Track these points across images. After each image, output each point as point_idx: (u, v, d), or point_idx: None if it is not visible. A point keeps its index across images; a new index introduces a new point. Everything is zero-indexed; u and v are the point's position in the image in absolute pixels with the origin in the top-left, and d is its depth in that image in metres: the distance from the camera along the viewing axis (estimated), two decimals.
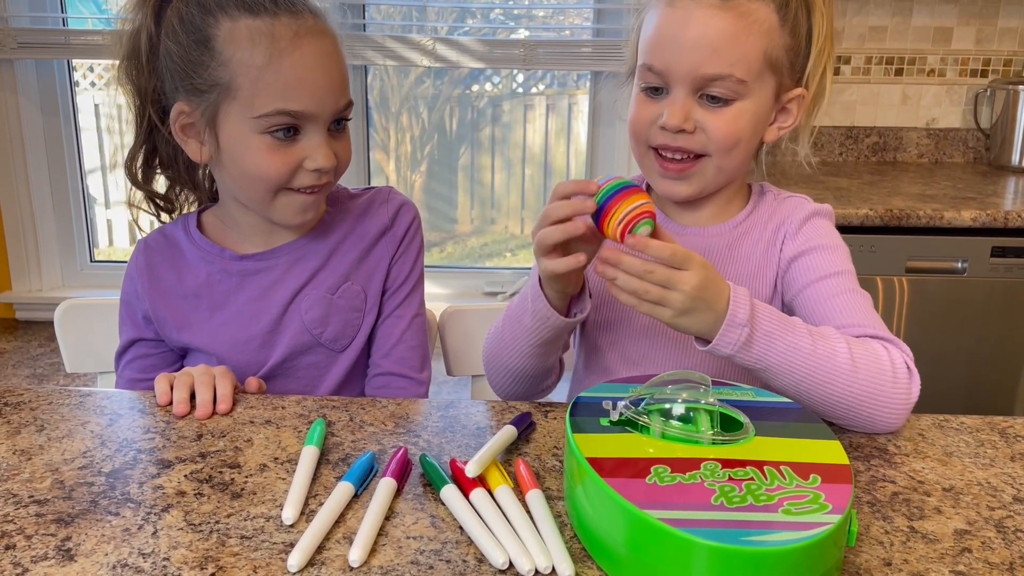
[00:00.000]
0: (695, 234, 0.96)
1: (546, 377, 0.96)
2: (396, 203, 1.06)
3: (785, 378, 0.78)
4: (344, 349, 1.02)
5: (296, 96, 0.88)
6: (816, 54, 0.89)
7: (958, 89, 2.36)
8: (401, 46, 2.33)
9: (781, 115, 0.92)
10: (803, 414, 0.70)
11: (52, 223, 2.67)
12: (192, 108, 0.91)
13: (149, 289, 1.00)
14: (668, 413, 0.65)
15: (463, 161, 3.26)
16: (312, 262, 1.01)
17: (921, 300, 1.85)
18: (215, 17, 0.89)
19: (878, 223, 1.79)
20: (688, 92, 0.87)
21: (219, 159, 0.93)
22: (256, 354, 0.99)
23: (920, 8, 2.30)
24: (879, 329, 0.85)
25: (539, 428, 0.79)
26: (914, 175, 2.20)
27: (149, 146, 1.00)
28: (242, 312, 0.99)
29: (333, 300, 1.01)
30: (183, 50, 0.90)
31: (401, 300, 1.04)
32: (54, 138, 2.62)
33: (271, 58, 0.87)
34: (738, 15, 0.85)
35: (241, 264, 1.00)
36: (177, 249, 1.02)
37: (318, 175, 0.92)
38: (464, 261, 3.43)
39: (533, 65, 2.38)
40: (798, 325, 0.79)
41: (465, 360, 1.16)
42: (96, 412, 0.81)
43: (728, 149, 0.88)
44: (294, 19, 0.89)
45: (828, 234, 0.94)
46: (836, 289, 0.89)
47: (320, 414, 0.81)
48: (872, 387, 0.78)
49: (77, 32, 2.51)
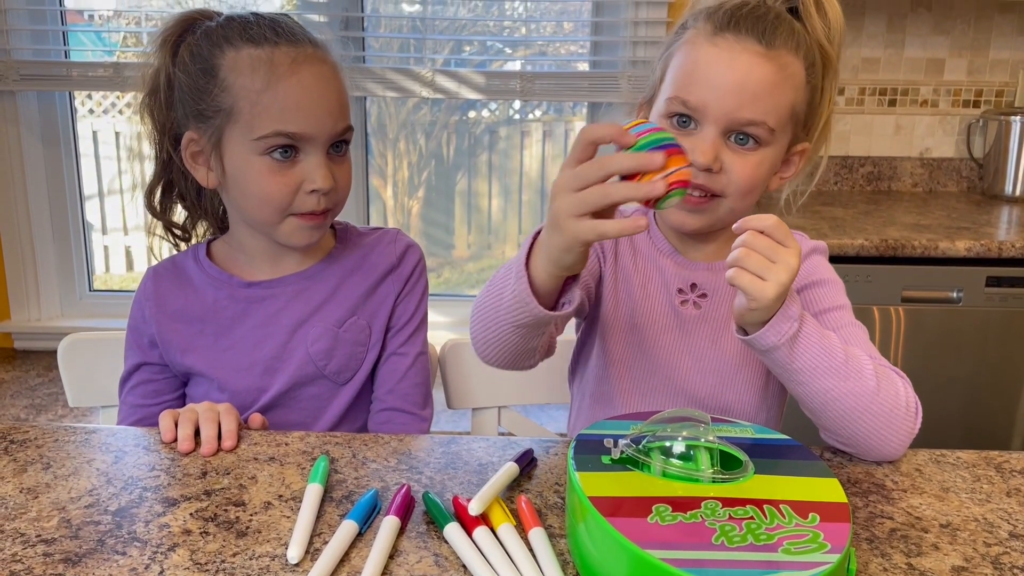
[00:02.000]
0: (703, 268, 0.98)
1: (529, 356, 0.85)
2: (403, 244, 1.08)
3: (816, 383, 0.79)
4: (347, 382, 1.03)
5: (293, 118, 0.92)
6: (823, 113, 0.92)
7: (951, 119, 2.39)
8: (401, 77, 2.36)
9: (784, 166, 0.94)
10: (801, 452, 0.71)
11: (51, 253, 2.68)
12: (200, 135, 0.96)
13: (156, 312, 1.02)
14: (669, 451, 0.66)
15: (460, 187, 3.28)
16: (319, 294, 1.03)
17: (917, 330, 1.87)
18: (221, 48, 0.94)
19: (873, 253, 1.80)
20: (719, 132, 0.87)
21: (225, 183, 0.97)
22: (259, 380, 1.01)
23: (912, 40, 2.34)
24: (885, 363, 0.87)
25: (541, 464, 0.80)
26: (908, 204, 2.22)
27: (167, 178, 1.05)
28: (247, 337, 1.01)
29: (339, 333, 1.02)
30: (191, 79, 0.95)
31: (406, 338, 1.06)
32: (54, 168, 2.63)
33: (269, 82, 0.92)
34: (779, 66, 0.86)
35: (248, 291, 1.02)
36: (185, 276, 1.04)
37: (317, 198, 0.95)
38: (461, 286, 3.44)
39: (531, 96, 2.40)
40: (833, 336, 0.81)
41: (465, 393, 1.17)
42: (102, 449, 0.81)
43: (745, 193, 0.89)
44: (293, 47, 0.94)
45: (826, 270, 0.96)
46: (838, 322, 0.91)
47: (323, 450, 0.82)
48: (888, 411, 0.80)
49: (79, 64, 2.53)
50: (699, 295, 0.97)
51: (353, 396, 1.04)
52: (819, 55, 0.90)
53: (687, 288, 0.98)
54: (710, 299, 0.97)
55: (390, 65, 2.42)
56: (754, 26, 0.86)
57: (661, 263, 0.99)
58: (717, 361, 0.97)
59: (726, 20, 0.87)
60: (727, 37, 0.86)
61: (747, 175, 0.88)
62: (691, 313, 0.97)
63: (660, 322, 0.98)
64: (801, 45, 0.87)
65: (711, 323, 0.97)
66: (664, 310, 0.98)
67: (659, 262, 0.99)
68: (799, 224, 1.93)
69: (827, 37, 0.90)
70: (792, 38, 0.87)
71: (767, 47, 0.85)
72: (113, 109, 3.61)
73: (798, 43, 0.87)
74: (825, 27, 0.90)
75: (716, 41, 0.86)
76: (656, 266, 0.99)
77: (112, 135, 3.41)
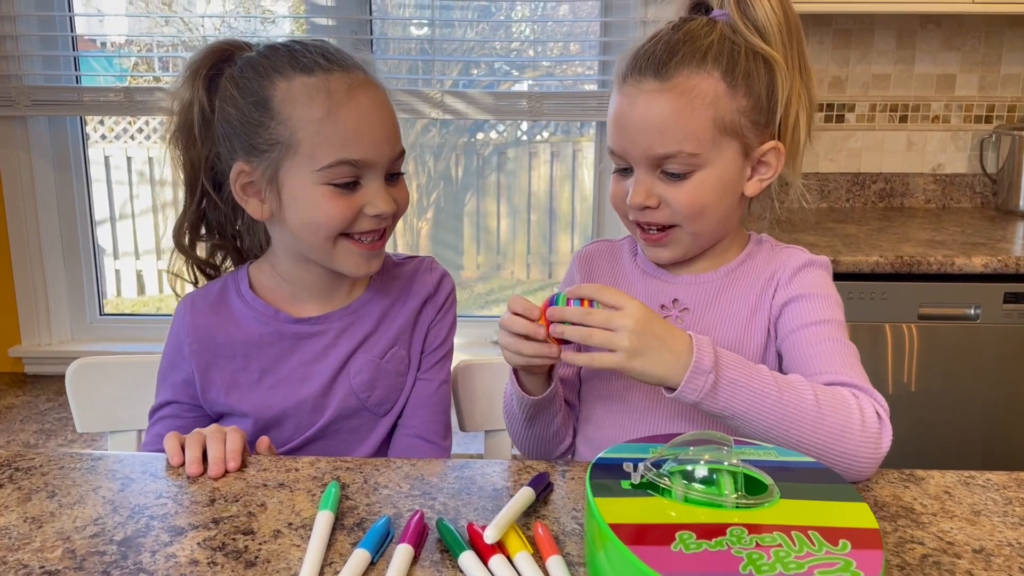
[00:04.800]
0: (687, 282, 0.98)
1: (558, 441, 1.00)
2: (439, 272, 1.09)
3: (752, 425, 0.80)
4: (386, 413, 1.03)
5: (356, 145, 0.90)
6: (783, 105, 0.90)
7: (963, 135, 2.37)
8: (410, 98, 2.36)
9: (760, 168, 0.93)
10: (828, 474, 0.68)
11: (62, 278, 2.68)
12: (252, 168, 0.93)
13: (198, 349, 0.99)
14: (690, 475, 0.64)
15: (469, 208, 3.28)
16: (364, 327, 1.02)
17: (934, 348, 1.84)
18: (271, 79, 0.92)
19: (889, 270, 1.78)
20: (647, 170, 0.90)
21: (281, 215, 0.95)
22: (307, 418, 1.00)
23: (923, 56, 2.32)
24: (855, 378, 0.86)
25: (557, 489, 0.78)
26: (922, 221, 2.19)
27: (198, 213, 1.02)
28: (293, 375, 0.99)
29: (381, 365, 1.02)
30: (241, 113, 0.92)
31: (432, 364, 1.06)
32: (65, 193, 2.64)
33: (329, 111, 0.90)
34: (678, 94, 0.87)
35: (297, 327, 1.00)
36: (227, 308, 1.01)
37: (378, 220, 0.94)
38: (471, 306, 3.43)
39: (540, 116, 2.40)
40: (764, 372, 0.81)
41: (478, 415, 1.15)
42: (108, 476, 0.80)
43: (695, 217, 0.91)
44: (346, 73, 0.92)
45: (820, 284, 0.94)
46: (819, 336, 0.90)
47: (334, 476, 0.80)
48: (839, 435, 0.79)
49: (90, 89, 2.54)
50: (681, 309, 0.97)
51: (390, 427, 1.03)
52: (753, 56, 0.89)
53: (669, 304, 0.98)
54: (692, 312, 0.96)
55: (399, 87, 2.42)
56: (648, 64, 0.89)
57: (645, 283, 1.00)
58: None
59: (630, 66, 0.91)
60: (629, 82, 0.90)
61: (686, 203, 0.89)
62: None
63: None
64: (709, 59, 0.88)
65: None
66: None
67: (643, 283, 1.00)
68: (811, 242, 1.91)
69: (759, 35, 0.89)
70: (693, 57, 0.88)
71: (662, 80, 0.87)
72: (125, 135, 3.63)
73: (704, 58, 0.88)
74: (751, 27, 0.89)
75: (622, 88, 0.91)
76: (640, 286, 1.00)
77: (124, 160, 3.43)
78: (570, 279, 1.06)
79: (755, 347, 0.94)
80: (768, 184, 0.95)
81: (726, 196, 0.92)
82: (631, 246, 1.04)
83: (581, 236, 3.20)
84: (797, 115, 0.92)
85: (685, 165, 0.88)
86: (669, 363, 0.78)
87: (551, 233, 3.31)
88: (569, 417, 1.02)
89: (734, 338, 0.94)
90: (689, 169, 0.89)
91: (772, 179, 0.94)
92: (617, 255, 1.05)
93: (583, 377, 1.03)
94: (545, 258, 3.44)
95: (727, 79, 0.88)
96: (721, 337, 0.93)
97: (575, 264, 1.06)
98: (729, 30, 0.90)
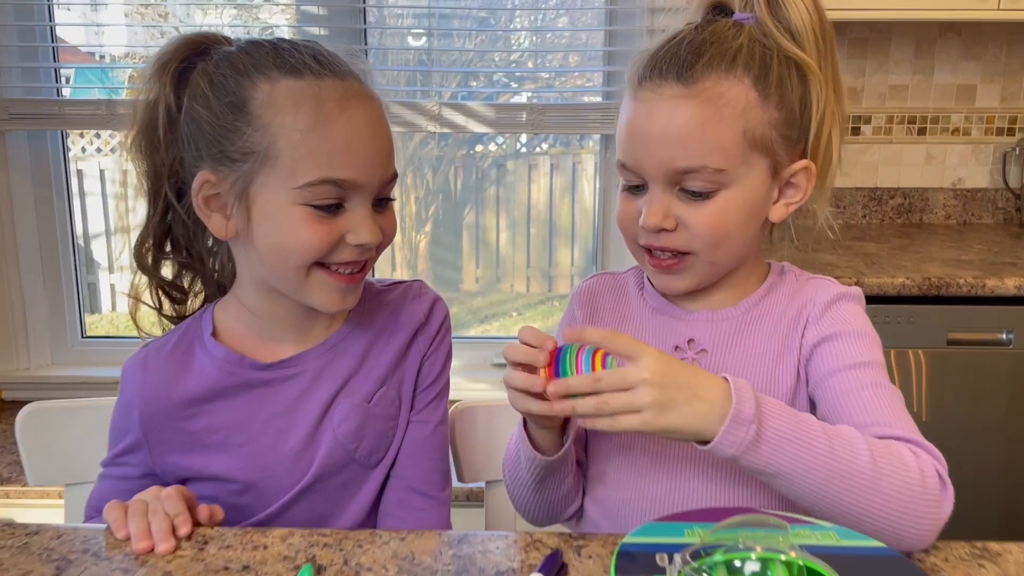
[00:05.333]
0: (704, 319, 0.87)
1: (566, 504, 0.89)
2: (429, 298, 0.96)
3: (798, 484, 0.68)
4: (377, 464, 0.90)
5: (344, 163, 0.79)
6: (817, 120, 0.80)
7: (984, 148, 2.27)
8: (407, 111, 2.26)
9: (788, 190, 0.83)
10: (900, 564, 0.57)
11: (42, 299, 2.57)
12: (220, 178, 0.81)
13: (148, 418, 0.86)
14: (739, 571, 0.53)
15: (468, 221, 3.21)
16: (345, 366, 0.89)
17: (965, 374, 1.72)
18: (251, 79, 0.80)
19: (915, 292, 1.67)
20: (664, 187, 0.79)
21: (248, 234, 0.82)
22: (286, 478, 0.87)
23: (942, 66, 2.23)
24: (908, 430, 0.75)
25: (573, 572, 0.66)
26: (944, 238, 2.09)
27: (163, 228, 0.90)
28: (267, 430, 0.87)
29: (369, 409, 0.89)
30: (213, 115, 0.80)
31: (426, 403, 0.93)
32: (45, 210, 2.53)
33: (316, 122, 0.78)
34: (704, 100, 0.77)
35: (266, 373, 0.88)
36: (186, 360, 0.88)
37: (360, 250, 0.82)
38: (470, 320, 3.35)
39: (541, 129, 2.30)
40: (812, 423, 0.70)
41: (478, 464, 1.03)
42: (42, 558, 0.68)
43: (715, 245, 0.80)
44: (339, 81, 0.81)
45: (854, 319, 0.83)
46: (860, 382, 0.79)
47: (308, 555, 0.68)
48: (897, 499, 0.68)
49: (72, 103, 2.44)
50: (698, 351, 0.86)
51: (383, 478, 0.91)
52: (786, 62, 0.79)
53: (684, 345, 0.86)
54: (710, 354, 0.85)
55: (395, 99, 2.32)
56: (670, 66, 0.79)
57: (655, 321, 0.88)
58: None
59: (647, 69, 0.80)
60: (646, 87, 0.80)
61: (708, 226, 0.79)
62: None
63: None
64: (739, 63, 0.78)
65: None
66: None
67: (652, 321, 0.89)
68: (830, 262, 1.81)
69: (793, 40, 0.79)
70: (722, 60, 0.77)
71: (686, 85, 0.78)
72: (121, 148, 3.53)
73: (733, 62, 0.77)
74: (783, 31, 0.79)
75: (638, 94, 0.81)
76: (649, 325, 0.89)
77: (120, 174, 3.33)
78: (570, 319, 0.94)
79: (783, 393, 0.83)
80: (795, 208, 0.84)
81: (751, 221, 0.81)
82: (637, 280, 0.93)
83: (582, 249, 3.14)
84: (830, 132, 0.82)
85: (709, 183, 0.78)
86: (703, 413, 0.67)
87: (551, 246, 3.25)
88: (579, 476, 0.90)
89: (760, 384, 0.82)
90: (712, 188, 0.78)
91: (800, 203, 0.84)
92: (622, 290, 0.93)
93: (589, 429, 0.92)
94: (545, 272, 3.37)
95: (759, 87, 0.78)
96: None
97: (576, 302, 0.94)
98: (759, 32, 0.80)
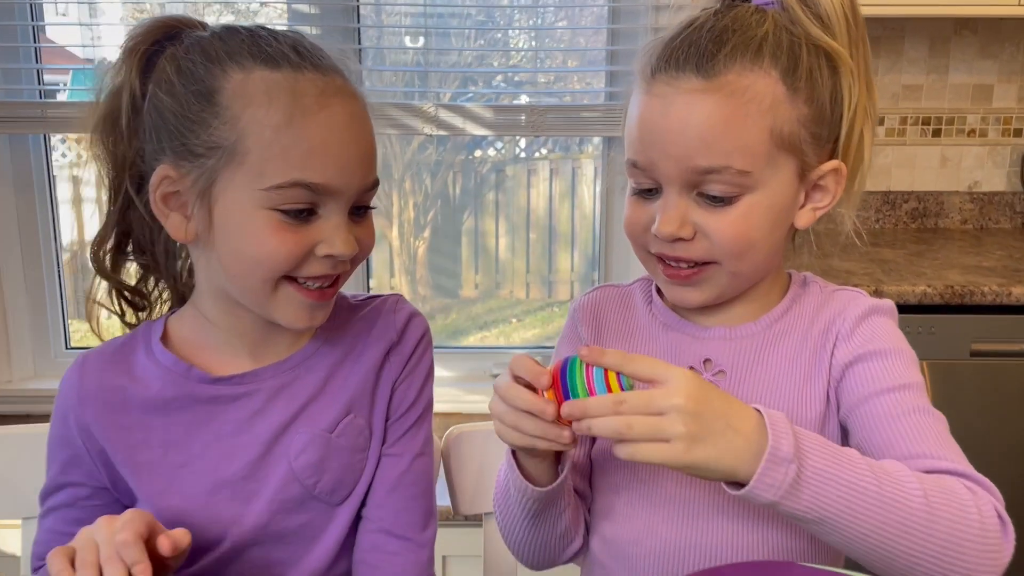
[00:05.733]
0: (721, 336, 0.79)
1: (564, 544, 0.82)
2: (405, 313, 0.87)
3: (843, 531, 0.61)
4: (342, 501, 0.82)
5: (319, 165, 0.72)
6: (849, 117, 0.73)
7: (1001, 150, 2.20)
8: (402, 113, 2.18)
9: (815, 194, 0.76)
10: None
11: (25, 310, 2.49)
12: (181, 174, 0.74)
13: (82, 420, 0.79)
14: None
15: (467, 226, 3.17)
16: (305, 389, 0.81)
17: (989, 388, 1.65)
18: (223, 67, 0.73)
19: (937, 301, 1.60)
20: (681, 191, 0.72)
21: (208, 238, 0.75)
22: (226, 509, 0.79)
23: (957, 65, 2.15)
24: (958, 462, 0.69)
25: None
26: (962, 244, 2.02)
27: (123, 227, 0.83)
28: (208, 452, 0.79)
29: (331, 440, 0.81)
30: (178, 104, 0.73)
31: (401, 434, 0.84)
32: (28, 218, 2.45)
33: (292, 118, 0.71)
34: (728, 95, 0.69)
35: (214, 388, 0.80)
36: (128, 364, 0.81)
37: (332, 263, 0.75)
38: (469, 327, 3.31)
39: (541, 131, 2.22)
40: (856, 459, 0.64)
41: (475, 495, 0.95)
42: None
43: (740, 254, 0.73)
44: (320, 76, 0.74)
45: (889, 336, 0.76)
46: (901, 407, 0.71)
47: None
48: (955, 543, 0.61)
49: (54, 105, 2.36)
50: (715, 372, 0.78)
51: (351, 519, 0.82)
52: (816, 52, 0.72)
53: (700, 365, 0.79)
54: (729, 377, 0.78)
55: (390, 100, 2.25)
56: (688, 56, 0.72)
57: (667, 339, 0.80)
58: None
59: (661, 59, 0.73)
60: (660, 79, 0.73)
61: (731, 233, 0.72)
62: None
63: None
64: (765, 53, 0.70)
65: None
66: None
67: (664, 338, 0.81)
68: (847, 268, 1.74)
69: (822, 27, 0.72)
70: (746, 50, 0.70)
71: (706, 77, 0.71)
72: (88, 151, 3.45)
73: (759, 52, 0.70)
74: (812, 16, 0.72)
75: (651, 87, 0.73)
76: (660, 343, 0.80)
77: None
78: (573, 336, 0.86)
79: (812, 421, 0.75)
80: (822, 214, 0.78)
81: (777, 228, 0.75)
82: (645, 292, 0.85)
83: (582, 255, 3.11)
84: (862, 130, 0.75)
85: (731, 186, 0.71)
86: (739, 449, 0.60)
87: (551, 252, 3.21)
88: (579, 510, 0.82)
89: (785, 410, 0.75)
90: (735, 192, 0.71)
91: (828, 208, 0.77)
92: (628, 304, 0.85)
93: (595, 459, 0.83)
94: (545, 277, 3.34)
95: (787, 80, 0.71)
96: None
97: (579, 316, 0.86)
98: (785, 19, 0.72)
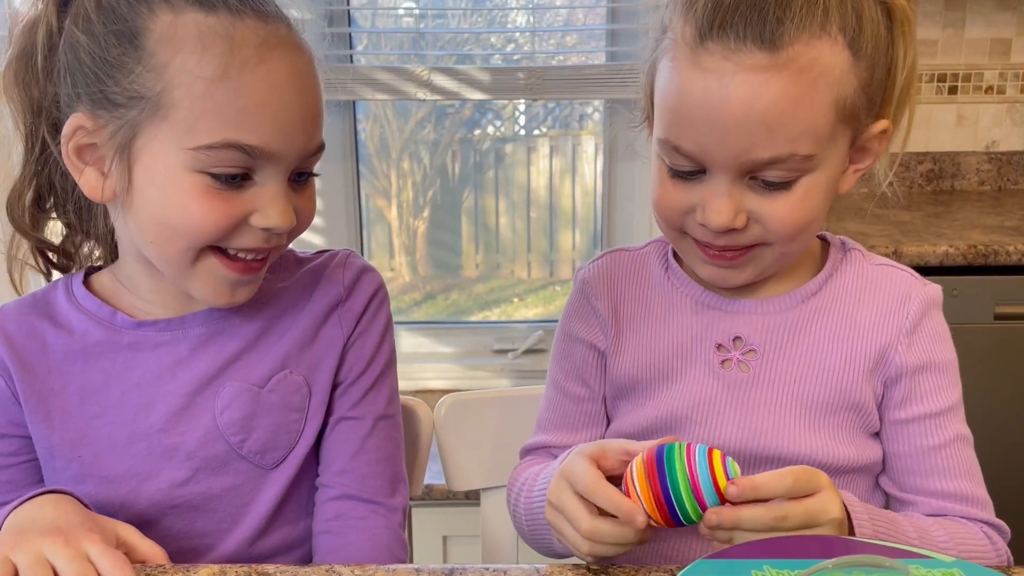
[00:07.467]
0: (751, 310, 0.73)
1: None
2: (355, 269, 0.81)
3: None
4: (276, 466, 0.76)
5: (256, 125, 0.65)
6: (904, 77, 0.68)
7: (1020, 108, 2.13)
8: (393, 77, 2.10)
9: (858, 155, 0.71)
10: None
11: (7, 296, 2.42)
12: (98, 125, 0.67)
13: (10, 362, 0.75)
14: None
15: (467, 205, 3.13)
16: (235, 339, 0.76)
17: (1014, 352, 1.59)
18: (149, 6, 0.66)
19: (960, 262, 1.54)
20: (734, 178, 0.65)
21: (128, 199, 0.69)
22: (141, 463, 0.73)
23: (974, 18, 2.08)
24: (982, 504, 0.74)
25: None
26: (980, 205, 1.96)
27: (42, 179, 0.76)
28: (126, 401, 0.74)
29: (261, 395, 0.75)
30: (96, 45, 0.66)
31: (360, 396, 0.79)
32: None
33: (226, 70, 0.65)
34: (796, 72, 0.61)
35: (135, 333, 0.75)
36: (47, 310, 0.77)
37: (267, 236, 0.69)
38: (471, 307, 3.28)
39: (540, 94, 2.15)
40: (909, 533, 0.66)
41: (469, 469, 0.88)
42: None
43: (794, 237, 0.67)
44: (262, 24, 0.67)
45: (946, 341, 0.74)
46: (944, 435, 0.73)
47: None
48: None
49: None
50: (745, 351, 0.72)
51: (287, 485, 0.76)
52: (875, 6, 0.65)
53: (728, 343, 0.73)
54: (760, 356, 0.72)
55: (381, 64, 2.17)
56: (749, 21, 0.62)
57: (691, 314, 0.74)
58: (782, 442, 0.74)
59: (711, 20, 0.63)
60: (713, 50, 0.63)
61: (789, 219, 0.67)
62: (738, 377, 0.72)
63: (693, 397, 0.73)
64: (832, 16, 0.62)
65: (768, 388, 0.72)
66: (699, 379, 0.73)
67: (688, 312, 0.74)
68: (862, 231, 1.66)
69: None
70: (813, 15, 0.62)
71: (772, 49, 0.62)
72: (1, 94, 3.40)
73: (827, 18, 0.62)
74: None
75: (701, 59, 0.64)
76: (684, 318, 0.74)
77: None
78: (585, 310, 0.79)
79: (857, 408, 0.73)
80: (863, 174, 0.73)
81: (829, 201, 0.69)
82: (660, 256, 0.78)
83: (583, 232, 3.06)
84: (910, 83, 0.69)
85: (792, 172, 0.64)
86: None
87: (552, 230, 3.18)
88: None
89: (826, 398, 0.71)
90: (795, 175, 0.65)
91: (869, 168, 0.72)
92: (644, 273, 0.78)
93: None
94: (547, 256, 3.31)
95: (853, 46, 0.63)
96: (804, 395, 0.71)
97: (590, 289, 0.78)
98: None
